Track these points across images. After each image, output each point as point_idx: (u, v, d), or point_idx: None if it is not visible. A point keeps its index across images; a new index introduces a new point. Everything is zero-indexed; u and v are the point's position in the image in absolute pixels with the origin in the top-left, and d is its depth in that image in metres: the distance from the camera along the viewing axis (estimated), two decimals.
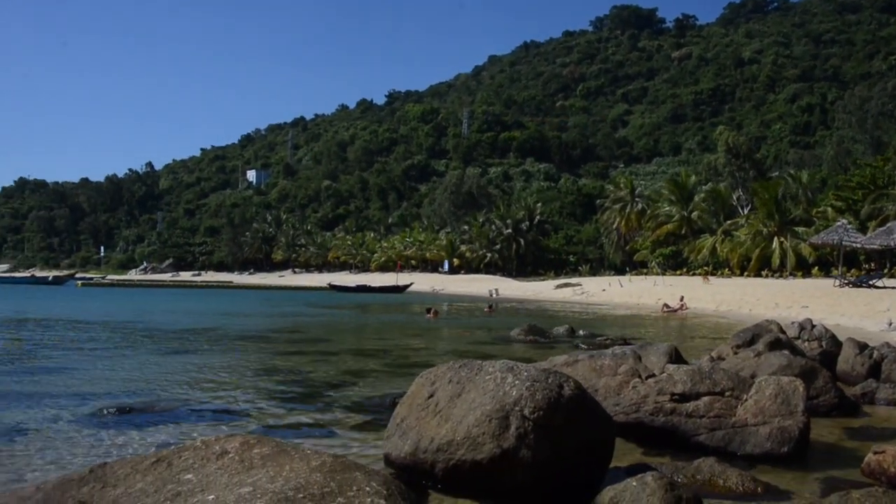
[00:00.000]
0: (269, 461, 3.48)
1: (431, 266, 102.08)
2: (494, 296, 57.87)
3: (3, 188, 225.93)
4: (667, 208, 72.11)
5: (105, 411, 9.23)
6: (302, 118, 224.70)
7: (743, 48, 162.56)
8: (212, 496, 3.10)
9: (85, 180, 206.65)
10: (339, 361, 15.50)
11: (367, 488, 3.21)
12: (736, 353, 11.59)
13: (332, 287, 76.55)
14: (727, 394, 7.63)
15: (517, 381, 5.87)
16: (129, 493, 3.35)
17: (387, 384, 12.08)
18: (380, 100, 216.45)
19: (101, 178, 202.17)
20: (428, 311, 32.38)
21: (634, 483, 5.31)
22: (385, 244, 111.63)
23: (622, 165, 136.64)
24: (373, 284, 77.45)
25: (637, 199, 78.95)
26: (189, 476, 3.40)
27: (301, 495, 3.02)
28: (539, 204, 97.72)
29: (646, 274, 66.95)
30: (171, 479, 3.40)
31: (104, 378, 12.49)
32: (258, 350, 17.89)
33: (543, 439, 5.64)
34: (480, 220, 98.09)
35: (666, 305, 35.71)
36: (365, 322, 32.43)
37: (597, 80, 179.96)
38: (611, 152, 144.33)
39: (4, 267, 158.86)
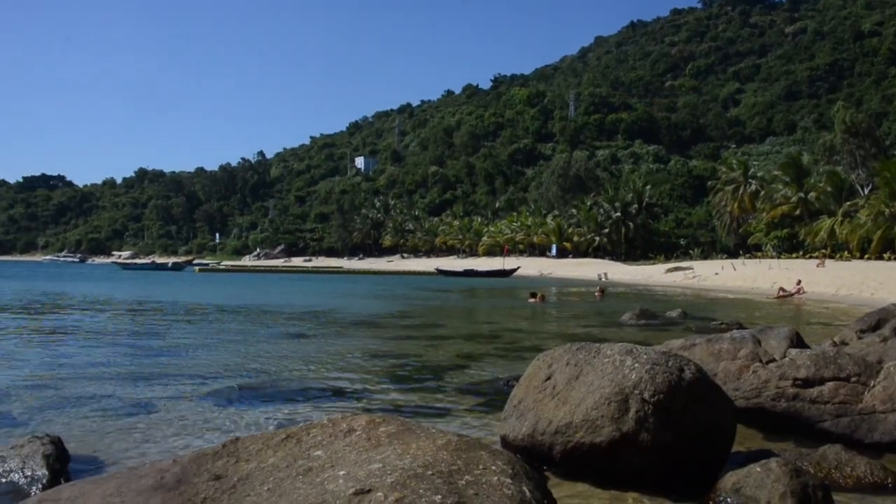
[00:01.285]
0: (395, 439, 3.53)
1: (539, 250, 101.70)
2: (603, 280, 57.28)
3: (124, 179, 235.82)
4: (782, 189, 69.79)
5: (228, 391, 9.54)
6: (408, 104, 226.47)
7: (862, 20, 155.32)
8: (342, 472, 3.16)
9: (200, 169, 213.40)
10: (450, 345, 15.60)
11: (493, 467, 3.23)
12: (860, 338, 11.14)
13: (440, 272, 77.14)
14: (853, 379, 7.36)
15: (636, 364, 5.79)
16: (261, 468, 3.45)
17: (498, 367, 12.11)
18: (485, 84, 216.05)
19: (216, 167, 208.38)
20: (532, 295, 32.19)
21: (758, 469, 5.18)
22: (492, 229, 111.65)
23: (734, 146, 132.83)
24: (479, 269, 77.68)
25: (750, 180, 76.71)
26: (318, 452, 3.47)
27: (430, 472, 3.06)
28: (648, 186, 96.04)
29: (760, 257, 65.07)
30: (301, 455, 3.49)
31: (225, 359, 12.89)
32: (371, 333, 18.16)
33: (663, 423, 5.55)
34: (588, 203, 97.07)
35: (782, 289, 34.64)
36: (473, 306, 32.54)
37: (707, 58, 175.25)
38: (722, 132, 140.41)
39: (126, 254, 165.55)
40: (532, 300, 31.13)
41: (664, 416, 5.58)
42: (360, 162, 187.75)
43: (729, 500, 5.19)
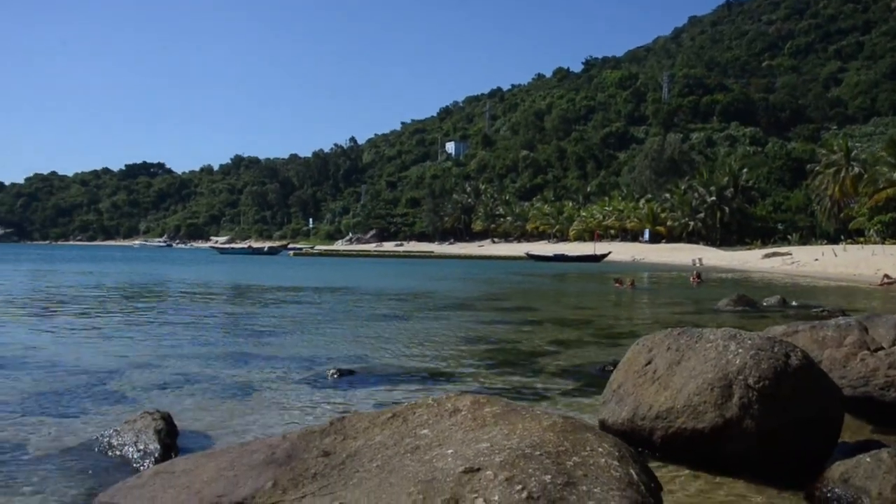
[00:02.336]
0: (500, 420, 3.55)
1: (631, 235, 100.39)
2: (698, 265, 56.26)
3: (221, 166, 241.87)
4: (887, 172, 67.12)
5: (326, 371, 9.71)
6: (499, 89, 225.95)
7: None
8: (450, 450, 3.20)
9: (294, 156, 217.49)
10: (543, 329, 15.56)
11: (600, 449, 3.22)
12: None
13: (530, 256, 76.94)
14: None
15: (740, 350, 5.68)
16: (368, 445, 3.51)
17: (592, 352, 12.03)
18: (576, 67, 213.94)
19: (309, 154, 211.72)
20: (617, 280, 31.76)
21: (868, 459, 5.03)
22: (583, 213, 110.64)
23: (835, 127, 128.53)
24: (570, 254, 77.23)
25: (853, 162, 73.97)
26: (425, 431, 3.52)
27: (538, 453, 3.07)
28: (744, 170, 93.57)
29: (862, 243, 62.79)
30: (407, 434, 3.54)
31: (323, 341, 13.14)
32: (464, 317, 18.23)
33: (768, 410, 5.44)
34: (682, 187, 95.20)
35: (887, 276, 33.40)
36: (564, 291, 32.36)
37: (806, 36, 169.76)
38: (823, 113, 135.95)
39: (223, 239, 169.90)
40: (617, 285, 30.71)
41: (769, 403, 5.46)
42: (450, 147, 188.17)
43: (836, 490, 5.05)
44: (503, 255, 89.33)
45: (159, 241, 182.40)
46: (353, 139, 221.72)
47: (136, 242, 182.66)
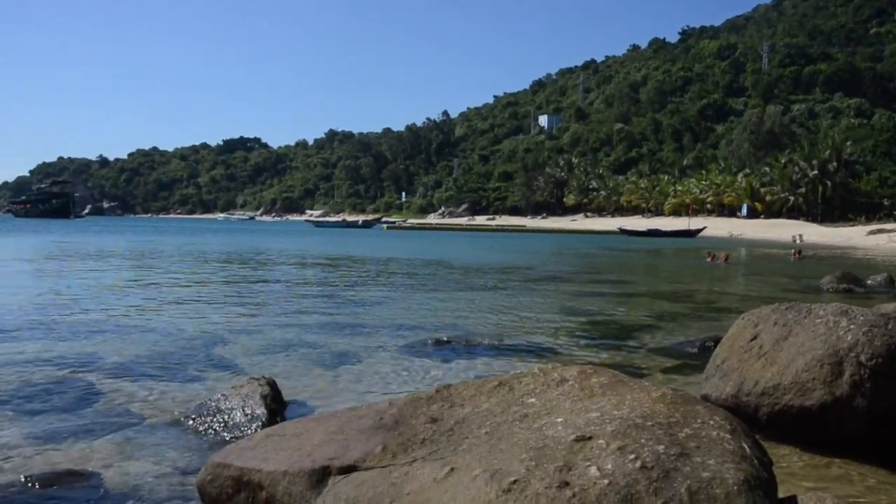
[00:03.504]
0: (608, 390, 3.52)
1: (728, 210, 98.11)
2: (798, 242, 54.75)
3: (315, 140, 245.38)
4: None
5: (424, 341, 9.81)
6: (593, 61, 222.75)
7: None
8: (559, 419, 3.19)
9: (387, 130, 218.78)
10: (639, 303, 15.39)
11: (711, 422, 3.17)
12: None
13: (623, 231, 76.12)
14: None
15: (852, 326, 5.50)
16: (476, 413, 3.53)
17: (690, 327, 11.85)
18: (672, 38, 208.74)
19: (402, 128, 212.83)
20: (709, 254, 31.24)
21: None
22: (679, 188, 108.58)
23: None
24: (663, 229, 76.07)
25: None
26: (532, 400, 3.52)
27: (650, 423, 3.04)
28: (848, 143, 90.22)
29: None
30: (514, 402, 3.55)
31: (420, 311, 13.27)
32: (559, 290, 18.16)
33: (881, 389, 5.25)
34: (782, 161, 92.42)
35: None
36: (659, 265, 31.93)
37: None
38: None
39: (318, 212, 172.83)
40: (709, 259, 30.17)
41: (882, 382, 5.27)
42: (543, 120, 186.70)
43: None
44: (596, 229, 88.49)
45: (241, 215, 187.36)
46: (445, 113, 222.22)
47: (220, 216, 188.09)
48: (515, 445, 3.02)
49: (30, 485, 4.57)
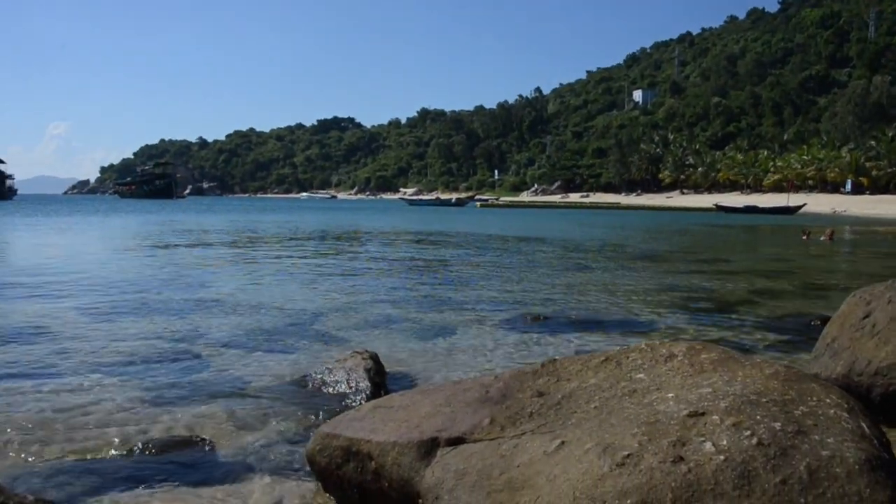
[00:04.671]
0: (719, 366, 3.46)
1: (831, 186, 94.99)
2: None
3: (408, 119, 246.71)
4: None
5: (520, 317, 9.81)
6: (688, 33, 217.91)
7: None
8: (670, 394, 3.16)
9: (479, 108, 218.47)
10: (740, 280, 15.05)
11: (828, 400, 3.08)
12: None
13: (719, 208, 74.68)
14: None
15: None
16: (583, 387, 3.52)
17: (794, 306, 11.53)
18: (772, 7, 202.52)
19: (494, 105, 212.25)
20: (804, 232, 30.43)
21: None
22: (779, 163, 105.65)
23: None
24: (761, 205, 74.24)
25: None
26: (640, 375, 3.49)
27: (764, 400, 2.97)
28: None
29: None
30: (622, 377, 3.52)
31: (516, 287, 13.25)
32: (656, 266, 17.90)
33: None
34: (890, 134, 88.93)
35: None
36: (757, 243, 31.16)
37: None
38: None
39: (411, 190, 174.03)
40: (805, 237, 29.32)
41: None
42: (637, 95, 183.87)
43: None
44: (691, 206, 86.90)
45: (323, 194, 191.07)
46: (538, 90, 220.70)
47: (303, 195, 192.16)
48: (626, 420, 3.00)
49: (148, 449, 4.77)
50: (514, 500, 2.84)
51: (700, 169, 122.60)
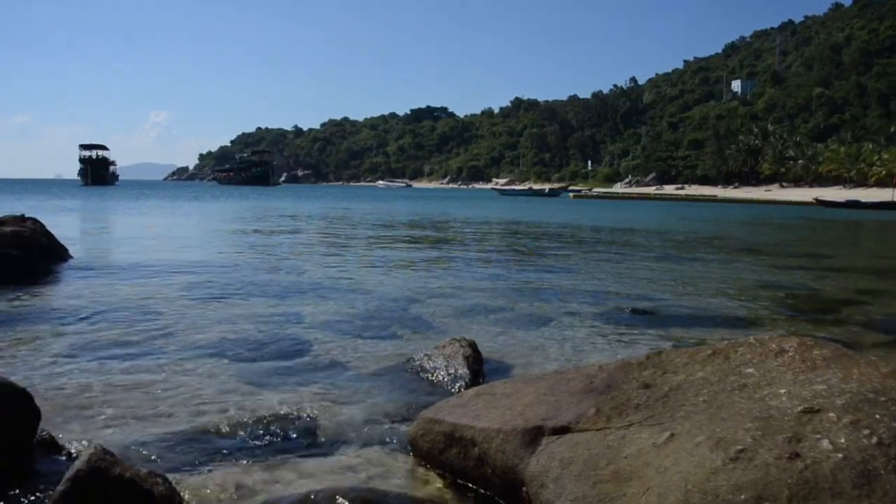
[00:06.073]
0: (832, 363, 3.37)
1: None
2: None
3: (501, 108, 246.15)
4: None
5: (616, 310, 9.71)
6: (790, 21, 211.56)
7: None
8: (782, 390, 3.09)
9: (573, 97, 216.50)
10: (844, 278, 14.58)
11: None
12: None
13: (819, 202, 72.52)
14: None
15: None
16: (690, 381, 3.48)
17: None
18: None
19: (588, 95, 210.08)
20: None
21: None
22: (885, 156, 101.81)
23: None
24: (864, 200, 71.71)
25: None
26: (750, 370, 3.42)
27: (883, 398, 2.89)
28: None
29: None
30: (731, 372, 3.46)
31: (609, 279, 13.12)
32: (753, 261, 17.48)
33: None
34: None
35: None
36: (861, 239, 30.14)
37: None
38: None
39: (503, 180, 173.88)
40: None
41: None
42: (736, 85, 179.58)
43: None
44: (790, 200, 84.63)
45: (399, 183, 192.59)
46: (633, 79, 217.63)
47: (381, 183, 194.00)
48: (738, 414, 2.95)
49: (252, 425, 4.89)
50: (621, 491, 2.83)
51: (801, 162, 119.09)
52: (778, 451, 2.61)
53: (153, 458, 4.39)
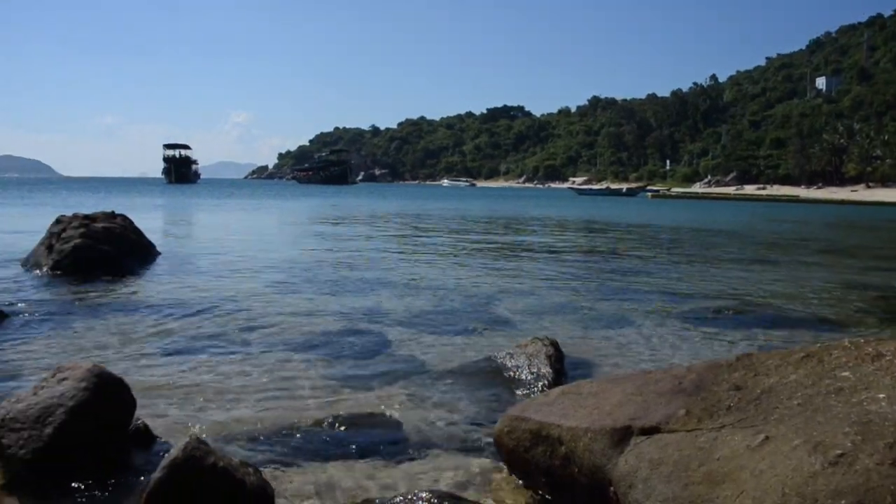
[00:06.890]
0: None
1: None
2: None
3: (578, 107, 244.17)
4: None
5: (698, 311, 9.56)
6: (879, 16, 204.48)
7: None
8: (882, 395, 3.01)
9: (652, 96, 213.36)
10: None
11: None
12: None
13: None
14: None
15: None
16: (782, 383, 3.41)
17: None
18: None
19: (667, 94, 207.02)
20: None
21: None
22: None
23: None
24: None
25: None
26: (845, 374, 3.34)
27: None
28: None
29: None
30: (825, 375, 3.38)
31: (690, 280, 12.91)
32: (842, 264, 17.02)
33: None
34: None
35: None
36: None
37: None
38: None
39: (580, 180, 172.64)
40: None
41: None
42: (821, 82, 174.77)
43: None
44: (878, 200, 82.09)
45: (463, 182, 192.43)
46: (713, 77, 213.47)
47: (445, 182, 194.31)
48: (835, 419, 2.88)
49: (336, 423, 4.96)
50: (713, 493, 2.79)
51: (888, 161, 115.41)
52: (879, 457, 2.55)
53: (243, 450, 4.49)
